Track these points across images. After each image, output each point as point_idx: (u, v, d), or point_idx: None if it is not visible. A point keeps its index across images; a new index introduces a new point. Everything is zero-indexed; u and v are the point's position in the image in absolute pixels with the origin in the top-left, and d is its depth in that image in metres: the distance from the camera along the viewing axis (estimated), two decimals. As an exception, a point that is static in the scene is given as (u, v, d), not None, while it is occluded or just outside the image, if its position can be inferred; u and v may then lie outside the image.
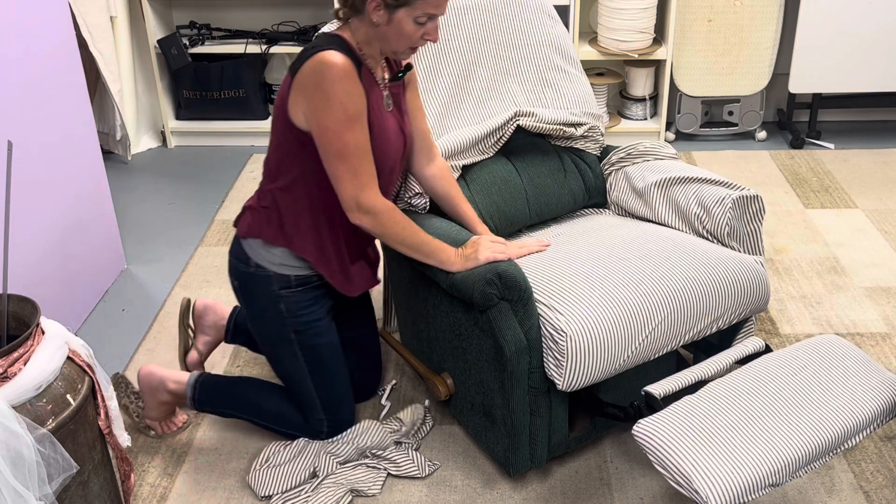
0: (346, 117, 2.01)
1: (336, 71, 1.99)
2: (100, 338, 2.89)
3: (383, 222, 2.11)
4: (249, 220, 2.24)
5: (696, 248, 2.29)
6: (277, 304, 2.24)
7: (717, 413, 1.88)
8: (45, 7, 2.73)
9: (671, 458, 1.78)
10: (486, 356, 2.13)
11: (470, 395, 2.27)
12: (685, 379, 2.06)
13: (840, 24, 3.89)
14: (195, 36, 4.23)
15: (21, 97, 2.59)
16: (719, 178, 2.44)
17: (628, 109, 4.26)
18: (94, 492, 2.00)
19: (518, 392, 2.08)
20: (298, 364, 2.30)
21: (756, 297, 2.30)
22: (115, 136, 4.10)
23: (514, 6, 2.59)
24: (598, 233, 2.42)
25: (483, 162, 2.47)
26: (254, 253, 2.23)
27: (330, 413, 2.35)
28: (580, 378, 2.05)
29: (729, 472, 1.75)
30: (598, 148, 2.65)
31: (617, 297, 2.11)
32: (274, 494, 2.23)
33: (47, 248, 2.73)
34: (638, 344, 2.10)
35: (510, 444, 2.17)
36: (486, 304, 2.06)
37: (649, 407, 2.03)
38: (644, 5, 3.87)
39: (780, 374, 1.99)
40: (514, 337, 2.04)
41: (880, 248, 3.31)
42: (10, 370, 1.79)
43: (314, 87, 2.01)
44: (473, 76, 2.51)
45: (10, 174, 2.04)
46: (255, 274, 2.24)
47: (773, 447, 1.81)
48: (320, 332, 2.29)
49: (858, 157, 4.05)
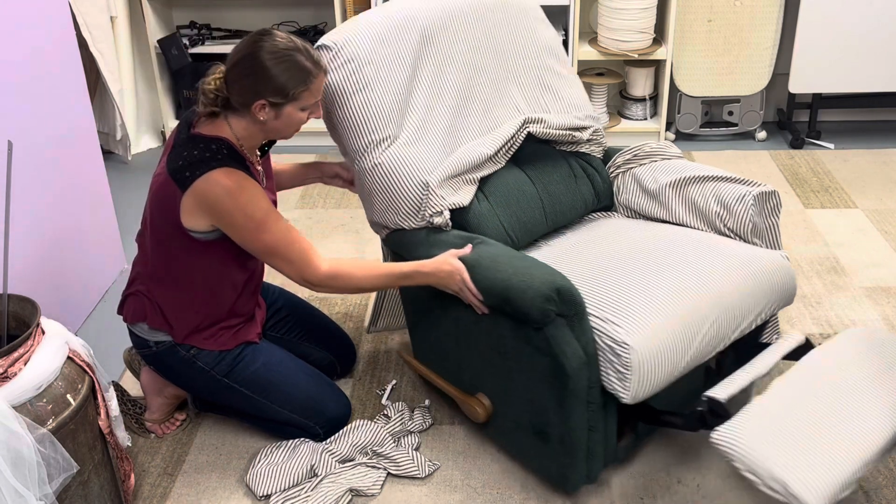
0: (256, 224, 2.06)
1: (233, 190, 2.03)
2: (100, 338, 2.89)
3: (338, 284, 2.17)
4: (133, 307, 2.29)
5: (727, 248, 2.30)
6: (194, 364, 2.28)
7: (792, 413, 1.86)
8: (45, 7, 2.73)
9: (762, 464, 1.75)
10: (538, 374, 2.06)
11: (515, 414, 2.20)
12: (742, 380, 2.03)
13: (840, 24, 3.89)
14: (195, 36, 4.23)
15: (21, 97, 2.59)
16: (734, 175, 2.44)
17: (628, 109, 4.26)
18: (95, 492, 2.00)
19: (578, 409, 2.03)
20: (250, 398, 2.32)
21: (786, 291, 2.32)
22: (115, 136, 4.10)
23: (505, 12, 2.54)
24: (621, 238, 2.39)
25: (497, 172, 2.40)
26: (147, 334, 2.29)
27: (315, 417, 2.35)
28: (645, 389, 2.01)
29: (821, 471, 1.73)
30: (602, 151, 2.65)
31: (669, 303, 2.08)
32: (273, 494, 2.23)
33: (47, 249, 2.73)
34: (695, 348, 2.09)
35: (569, 461, 2.10)
36: (544, 321, 1.99)
37: (712, 412, 2.00)
38: (644, 5, 3.87)
39: (834, 367, 1.99)
40: (574, 353, 1.99)
41: (880, 248, 3.31)
42: (10, 370, 1.79)
43: (214, 206, 2.04)
44: (477, 85, 2.47)
45: (10, 174, 2.04)
46: (159, 351, 2.29)
47: (853, 441, 1.79)
48: (249, 361, 2.30)
49: (858, 157, 4.04)
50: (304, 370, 2.38)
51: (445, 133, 2.37)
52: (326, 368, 2.57)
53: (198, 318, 2.24)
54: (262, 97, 2.01)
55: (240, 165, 2.08)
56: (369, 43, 2.28)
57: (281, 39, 2.01)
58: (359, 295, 3.07)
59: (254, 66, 2.00)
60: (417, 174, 2.27)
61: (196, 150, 2.06)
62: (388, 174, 2.27)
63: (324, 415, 2.36)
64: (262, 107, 2.03)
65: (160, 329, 2.26)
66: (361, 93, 2.27)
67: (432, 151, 2.32)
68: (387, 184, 2.27)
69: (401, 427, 2.43)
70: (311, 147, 4.26)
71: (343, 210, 3.68)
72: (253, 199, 2.05)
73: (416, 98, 2.34)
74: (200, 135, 2.09)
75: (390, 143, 2.28)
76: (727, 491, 2.22)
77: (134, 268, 2.31)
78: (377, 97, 2.27)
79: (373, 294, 2.94)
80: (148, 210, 2.19)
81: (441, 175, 2.26)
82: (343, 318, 2.94)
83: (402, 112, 2.31)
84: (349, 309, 3.00)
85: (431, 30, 2.39)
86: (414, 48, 2.35)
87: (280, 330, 2.54)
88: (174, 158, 2.08)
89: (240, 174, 2.05)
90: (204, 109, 2.09)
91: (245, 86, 2.02)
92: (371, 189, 2.31)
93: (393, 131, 2.29)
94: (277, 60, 1.99)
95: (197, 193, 2.04)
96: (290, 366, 2.35)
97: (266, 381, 2.30)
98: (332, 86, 2.27)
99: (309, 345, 2.55)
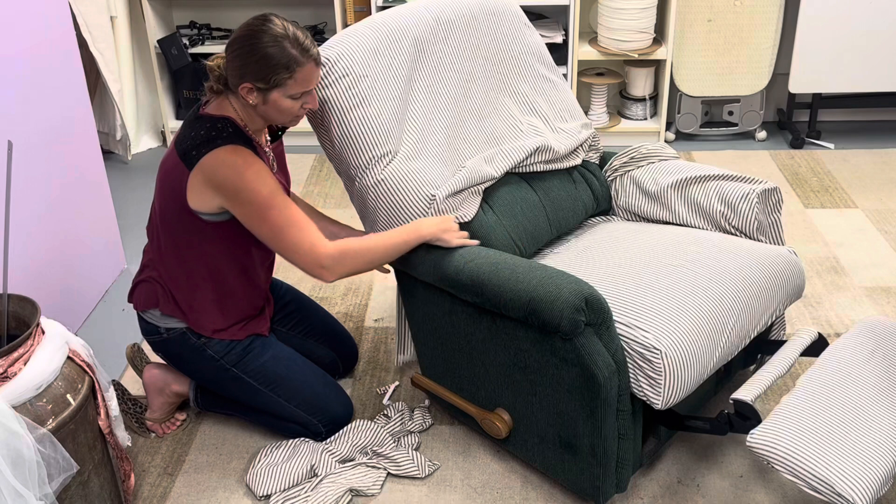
0: (263, 200, 2.04)
1: (239, 165, 2.03)
2: (100, 338, 2.89)
3: (347, 261, 2.11)
4: (144, 294, 2.29)
5: (737, 246, 2.30)
6: (204, 352, 2.28)
7: (824, 411, 1.85)
8: (45, 7, 2.73)
9: (803, 465, 1.74)
10: (566, 385, 2.03)
11: (539, 428, 2.16)
12: (766, 380, 2.03)
13: (840, 24, 3.89)
14: (195, 36, 4.23)
15: (21, 97, 2.59)
16: (734, 173, 2.45)
17: (628, 109, 4.26)
18: (95, 492, 2.00)
19: (609, 418, 2.01)
20: (257, 390, 2.32)
21: (797, 286, 2.34)
22: (115, 136, 4.10)
23: (493, 18, 2.51)
24: (629, 241, 2.38)
25: (500, 182, 2.38)
26: (159, 321, 2.29)
27: (319, 414, 2.35)
28: (677, 393, 1.99)
29: (862, 468, 1.72)
30: (598, 155, 2.64)
31: (692, 305, 2.08)
32: (273, 493, 2.23)
33: (47, 248, 2.73)
34: (721, 349, 2.08)
35: (600, 472, 2.07)
36: (573, 332, 1.95)
37: (739, 415, 1.99)
38: (644, 5, 3.87)
39: (856, 361, 1.99)
40: (605, 362, 1.96)
41: (880, 248, 3.31)
42: (10, 370, 1.79)
43: (222, 184, 2.04)
44: (470, 93, 2.43)
45: (10, 174, 2.04)
46: (170, 339, 2.29)
47: (889, 435, 1.79)
48: (259, 353, 2.31)
49: (858, 157, 4.04)
50: (310, 367, 2.38)
51: (444, 144, 2.34)
52: (329, 367, 2.57)
53: (205, 306, 2.25)
54: (245, 80, 2.02)
55: (246, 144, 2.08)
56: (363, 56, 2.24)
57: (275, 25, 2.01)
58: (359, 295, 3.07)
59: (242, 48, 2.01)
60: (423, 188, 2.23)
61: (203, 129, 2.07)
62: (393, 191, 2.22)
63: (328, 413, 2.36)
64: (248, 90, 2.04)
65: (172, 315, 2.26)
66: (359, 108, 2.22)
67: (434, 164, 2.28)
68: (392, 200, 2.23)
69: (401, 427, 2.43)
70: (311, 147, 4.27)
71: (343, 210, 3.68)
72: (259, 176, 2.04)
73: (413, 110, 2.30)
74: (207, 114, 2.11)
75: (391, 158, 2.23)
76: (727, 491, 2.22)
77: (145, 255, 2.31)
78: (375, 112, 2.23)
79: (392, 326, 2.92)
80: (157, 196, 2.19)
81: (447, 191, 2.23)
82: (343, 318, 2.94)
83: (401, 125, 2.27)
84: (349, 309, 3.00)
85: (424, 40, 2.35)
86: (408, 59, 2.31)
87: (286, 325, 2.54)
88: (181, 139, 2.10)
89: (246, 151, 2.05)
90: (208, 86, 2.12)
91: (234, 67, 2.04)
92: (375, 206, 2.25)
93: (393, 146, 2.24)
94: (264, 45, 1.99)
95: (204, 170, 2.04)
96: (298, 361, 2.36)
97: (274, 373, 2.31)
98: (328, 102, 2.22)
99: (313, 342, 2.56)
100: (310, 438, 2.38)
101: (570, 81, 4.04)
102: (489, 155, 2.36)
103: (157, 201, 2.20)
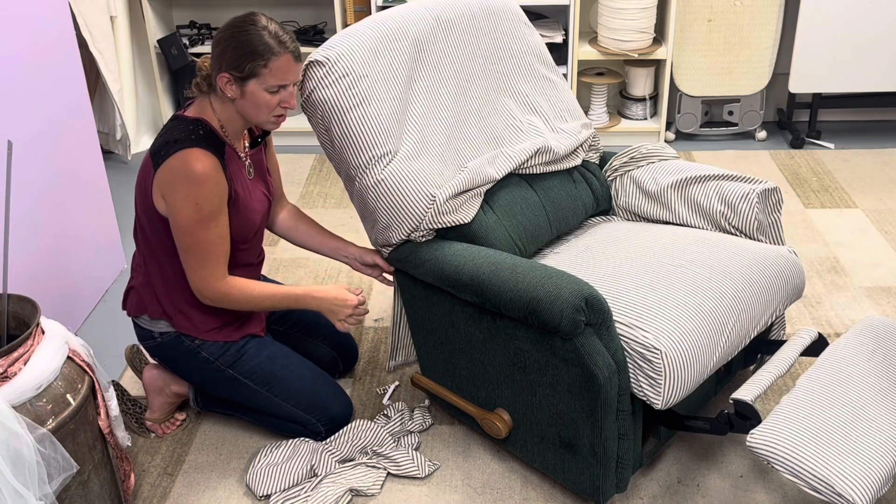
0: (200, 217, 2.06)
1: (197, 174, 2.03)
2: (100, 338, 2.89)
3: (230, 299, 2.18)
4: (134, 300, 2.30)
5: (738, 246, 2.30)
6: (198, 355, 2.29)
7: (824, 411, 1.85)
8: (45, 7, 2.73)
9: (803, 466, 1.74)
10: (565, 386, 2.03)
11: (539, 428, 2.16)
12: (766, 380, 2.03)
13: (840, 24, 3.89)
14: (195, 36, 4.23)
15: (21, 97, 2.59)
16: (734, 173, 2.45)
17: (628, 109, 4.26)
18: (94, 492, 2.00)
19: (609, 418, 2.01)
20: (254, 391, 2.32)
21: (797, 285, 2.34)
22: (115, 136, 4.10)
23: (493, 18, 2.51)
24: (629, 241, 2.38)
25: (500, 182, 2.38)
26: (150, 325, 2.30)
27: (317, 413, 2.35)
28: (677, 393, 2.00)
29: (862, 468, 1.73)
30: (598, 155, 2.64)
31: (692, 305, 2.08)
32: (273, 493, 2.23)
33: (47, 248, 2.73)
34: (721, 348, 2.08)
35: (600, 471, 2.07)
36: (574, 332, 1.95)
37: (739, 415, 1.99)
38: (644, 5, 3.87)
39: (856, 361, 1.99)
40: (605, 362, 1.96)
41: (880, 248, 3.31)
42: (10, 370, 1.79)
43: (173, 184, 2.05)
44: (470, 93, 2.43)
45: (10, 174, 2.04)
46: (164, 342, 2.30)
47: (889, 435, 1.79)
48: (254, 354, 2.31)
49: (858, 157, 4.04)
50: (307, 366, 2.38)
51: (444, 144, 2.33)
52: (328, 366, 2.57)
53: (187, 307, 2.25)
54: (223, 70, 2.03)
55: (216, 148, 2.09)
56: (363, 56, 2.24)
57: (258, 20, 2.04)
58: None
59: (223, 39, 2.04)
60: (423, 188, 2.22)
61: (175, 130, 2.09)
62: (393, 190, 2.21)
63: (326, 412, 2.36)
64: (226, 81, 2.05)
65: (160, 319, 2.27)
66: (359, 108, 2.22)
67: (434, 164, 2.28)
68: (392, 200, 2.22)
69: (401, 427, 2.43)
70: (311, 147, 4.26)
71: (343, 210, 3.68)
72: (212, 194, 2.06)
73: (412, 110, 2.30)
74: (182, 116, 2.13)
75: (391, 157, 2.23)
76: (727, 491, 2.23)
77: (133, 261, 2.32)
78: (375, 111, 2.23)
79: (389, 327, 2.92)
80: (135, 198, 2.21)
81: (448, 192, 2.22)
82: (343, 318, 2.94)
83: (401, 125, 2.26)
84: (349, 309, 3.00)
85: (424, 39, 2.35)
86: (408, 59, 2.31)
87: (284, 324, 2.54)
88: (155, 140, 2.13)
89: (212, 160, 2.06)
90: (194, 83, 2.14)
91: (214, 58, 2.06)
92: (375, 206, 2.25)
93: (393, 146, 2.24)
94: (241, 34, 2.01)
95: (165, 168, 2.06)
96: (295, 361, 2.36)
97: (270, 373, 2.30)
98: (328, 102, 2.22)
99: (312, 340, 2.56)
100: (310, 438, 2.38)
101: (570, 81, 4.04)
102: (491, 157, 2.36)
103: (135, 204, 2.22)
